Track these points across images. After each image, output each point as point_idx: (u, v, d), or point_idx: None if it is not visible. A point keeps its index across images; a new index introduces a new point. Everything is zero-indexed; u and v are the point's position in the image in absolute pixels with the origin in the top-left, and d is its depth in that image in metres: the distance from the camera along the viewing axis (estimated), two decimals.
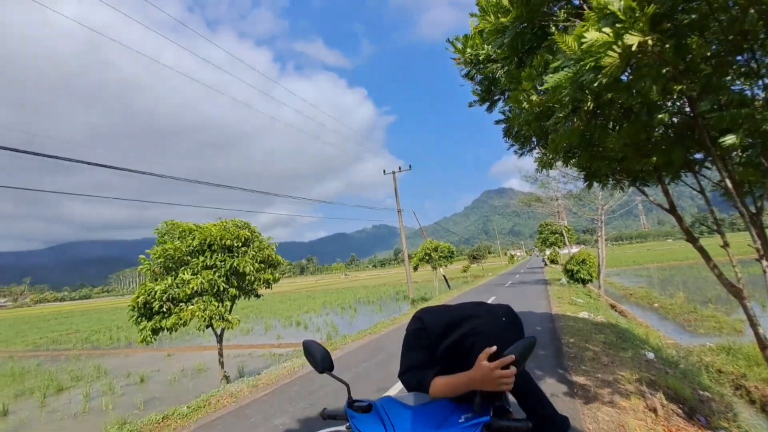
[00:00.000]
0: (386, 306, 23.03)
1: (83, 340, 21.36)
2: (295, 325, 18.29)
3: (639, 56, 1.82)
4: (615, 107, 2.58)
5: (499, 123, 4.00)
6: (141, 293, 7.37)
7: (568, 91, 1.98)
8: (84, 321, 35.66)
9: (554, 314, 10.92)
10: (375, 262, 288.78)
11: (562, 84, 1.94)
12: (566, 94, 2.00)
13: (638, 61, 1.93)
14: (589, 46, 1.70)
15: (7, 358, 17.37)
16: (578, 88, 1.95)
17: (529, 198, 28.33)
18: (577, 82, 1.88)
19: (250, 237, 8.97)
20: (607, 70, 1.73)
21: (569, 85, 1.93)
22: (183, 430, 4.65)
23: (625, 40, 1.63)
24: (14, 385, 11.39)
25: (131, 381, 10.61)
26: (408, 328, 1.55)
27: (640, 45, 1.66)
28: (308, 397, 5.35)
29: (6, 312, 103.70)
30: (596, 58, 1.71)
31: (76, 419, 7.81)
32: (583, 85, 1.88)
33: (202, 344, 15.24)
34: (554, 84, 1.97)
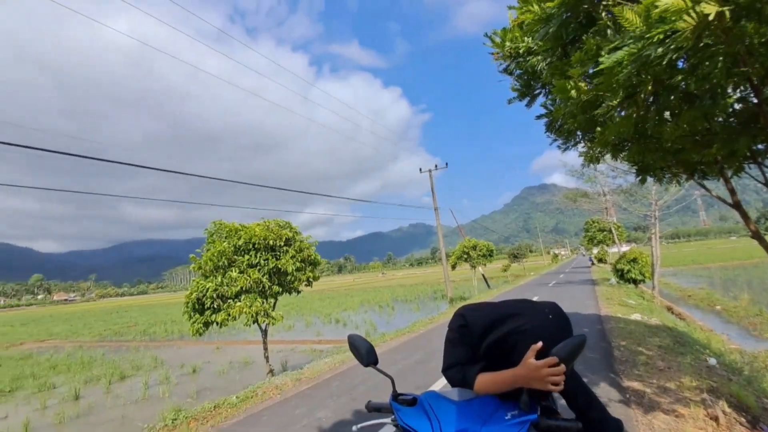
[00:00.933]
0: (424, 305, 22.93)
1: (141, 332, 23.01)
2: (334, 322, 18.66)
3: (710, 30, 1.69)
4: (676, 92, 2.38)
5: (540, 117, 3.86)
6: (194, 290, 7.84)
7: (627, 71, 1.84)
8: (141, 315, 38.45)
9: (603, 315, 10.40)
10: (412, 261, 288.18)
11: (623, 61, 1.81)
12: (625, 74, 1.86)
13: (706, 37, 1.79)
14: (662, 11, 1.58)
15: (77, 347, 19.08)
16: (641, 66, 1.82)
17: (575, 194, 27.04)
18: (641, 58, 1.75)
19: (291, 237, 9.26)
20: (680, 38, 1.60)
21: (630, 63, 1.80)
22: (233, 418, 4.91)
23: (702, 8, 1.52)
24: (84, 372, 12.49)
25: (184, 371, 11.28)
26: (450, 324, 1.55)
27: (716, 16, 1.54)
28: (349, 392, 5.46)
29: (75, 306, 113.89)
30: (665, 29, 1.59)
31: (137, 405, 8.45)
32: (646, 63, 1.76)
33: (247, 339, 15.94)
34: (612, 64, 1.84)
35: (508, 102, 3.95)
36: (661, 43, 1.65)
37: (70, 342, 21.63)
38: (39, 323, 39.71)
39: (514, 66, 3.60)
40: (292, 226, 9.62)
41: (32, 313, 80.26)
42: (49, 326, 33.90)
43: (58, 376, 12.10)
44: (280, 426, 4.42)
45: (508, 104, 3.97)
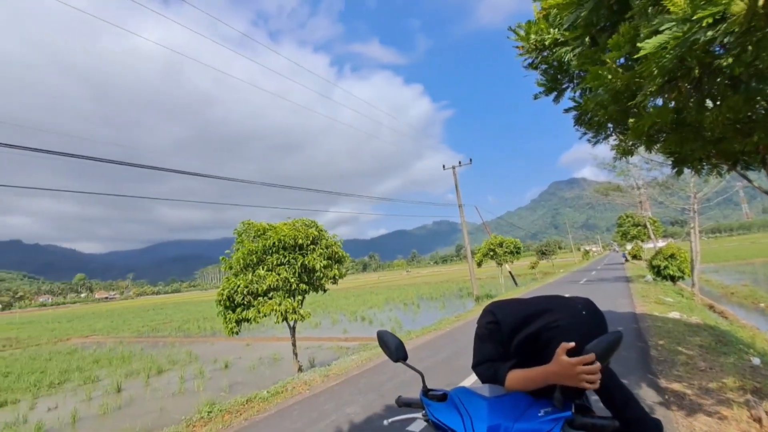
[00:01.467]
0: (449, 303, 22.77)
1: (176, 328, 23.99)
2: (359, 320, 18.82)
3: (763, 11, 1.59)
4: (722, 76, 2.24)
5: (569, 111, 3.76)
6: (226, 287, 8.11)
7: (672, 55, 1.76)
8: (176, 312, 40.06)
9: (638, 314, 10.01)
10: (436, 259, 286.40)
11: (668, 45, 1.73)
12: (669, 59, 1.78)
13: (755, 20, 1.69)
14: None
15: (118, 342, 20.12)
16: (686, 50, 1.73)
17: (606, 187, 26.04)
18: (686, 42, 1.67)
19: (318, 235, 9.41)
20: (733, 22, 1.52)
21: (675, 47, 1.72)
22: (264, 412, 5.05)
23: None
24: (124, 366, 13.16)
25: (217, 366, 11.69)
26: (479, 321, 1.55)
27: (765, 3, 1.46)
28: (376, 388, 5.50)
29: (115, 303, 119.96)
30: (714, 12, 1.51)
31: (174, 398, 8.83)
32: (692, 47, 1.67)
33: (275, 336, 16.32)
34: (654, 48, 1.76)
35: (534, 97, 3.86)
36: (711, 26, 1.57)
37: (111, 338, 22.82)
38: (83, 320, 42.09)
39: (539, 60, 3.51)
40: (318, 224, 9.77)
41: (76, 310, 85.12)
42: (92, 323, 35.88)
43: (101, 370, 12.80)
44: (310, 421, 4.51)
45: (534, 100, 3.89)
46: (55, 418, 7.85)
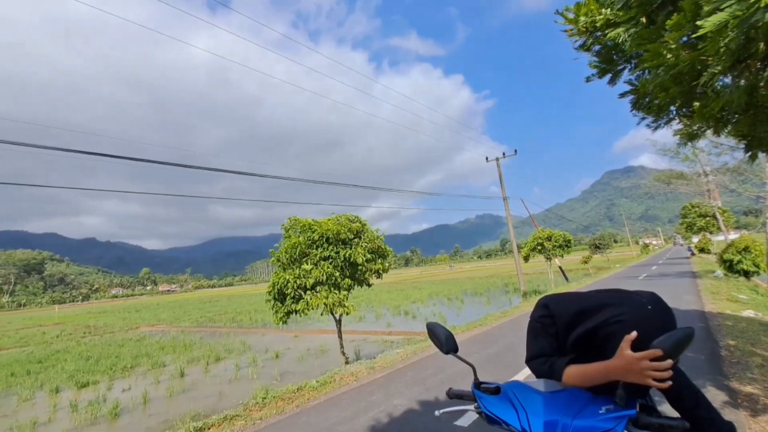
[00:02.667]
0: (495, 298, 22.25)
1: (230, 319, 25.46)
2: (403, 314, 18.92)
3: None
4: None
5: (625, 95, 3.52)
6: (276, 281, 8.50)
7: (735, 35, 1.62)
8: (229, 304, 42.49)
9: (707, 312, 9.22)
10: (480, 253, 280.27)
11: (728, 24, 1.59)
12: (732, 38, 1.63)
13: None
14: None
15: (179, 331, 21.73)
16: (749, 29, 1.58)
17: (668, 175, 23.99)
18: (747, 23, 1.53)
19: (361, 229, 9.59)
20: None
21: (736, 26, 1.58)
22: (315, 401, 5.27)
23: None
24: (186, 353, 14.19)
25: (268, 356, 12.28)
26: (532, 315, 1.53)
27: None
28: (422, 381, 5.54)
29: (176, 295, 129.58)
30: None
31: (230, 384, 9.41)
32: (755, 26, 1.53)
33: (321, 328, 16.83)
34: (713, 27, 1.62)
35: (586, 80, 3.66)
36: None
37: (174, 327, 24.70)
38: (149, 310, 45.91)
39: (591, 42, 3.32)
40: (361, 219, 9.94)
41: (143, 301, 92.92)
42: (156, 313, 39.03)
43: (167, 356, 13.91)
44: (358, 410, 4.65)
45: (586, 83, 3.68)
46: (129, 398, 8.66)
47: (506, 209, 21.03)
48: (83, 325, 31.75)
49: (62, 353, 16.48)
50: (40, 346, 19.93)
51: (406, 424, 4.14)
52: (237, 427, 4.57)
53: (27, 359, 15.61)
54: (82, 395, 9.38)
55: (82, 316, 46.48)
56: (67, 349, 17.57)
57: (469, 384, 1.52)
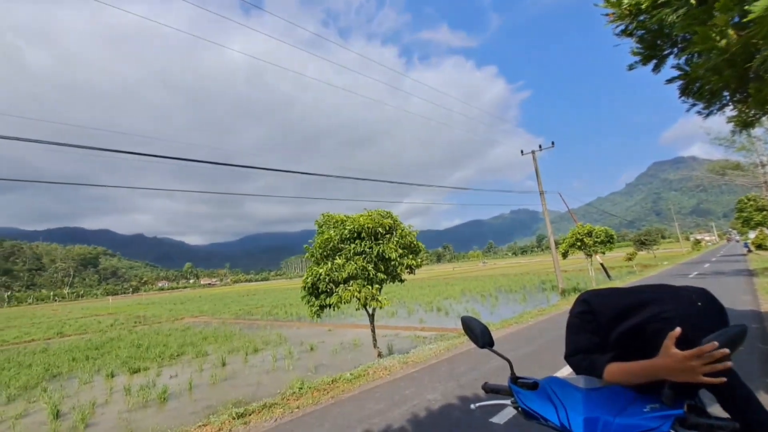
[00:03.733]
0: (531, 296, 21.65)
1: (267, 312, 26.37)
2: (435, 310, 18.83)
3: None
4: None
5: (672, 81, 3.31)
6: (309, 275, 8.72)
7: None
8: (266, 298, 43.97)
9: (763, 312, 8.54)
10: (514, 249, 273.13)
11: None
12: None
13: None
14: None
15: (220, 323, 22.78)
16: None
17: (723, 165, 22.26)
18: None
19: (393, 225, 9.62)
20: None
21: None
22: (349, 392, 5.38)
23: None
24: (227, 343, 14.86)
25: (303, 349, 12.63)
26: (572, 311, 1.49)
27: None
28: (456, 378, 5.52)
29: (216, 289, 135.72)
30: None
31: (268, 375, 9.77)
32: None
33: (354, 323, 17.08)
34: (763, 11, 1.51)
35: (629, 68, 3.48)
36: None
37: (215, 318, 25.91)
38: (192, 302, 48.39)
39: (634, 26, 3.14)
40: (393, 215, 9.97)
41: (186, 294, 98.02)
42: (199, 305, 41.07)
43: (209, 346, 14.64)
44: (392, 403, 4.70)
45: (629, 70, 3.49)
46: (176, 384, 9.21)
47: (543, 204, 20.36)
48: (134, 316, 33.98)
49: (116, 341, 17.76)
50: (97, 334, 21.55)
51: (440, 418, 4.15)
52: (276, 415, 4.75)
53: (86, 346, 16.94)
54: (134, 380, 10.07)
55: (133, 307, 49.74)
56: (120, 337, 18.91)
57: (504, 382, 1.51)
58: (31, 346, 18.94)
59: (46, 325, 30.95)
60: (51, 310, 67.87)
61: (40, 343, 19.91)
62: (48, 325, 30.78)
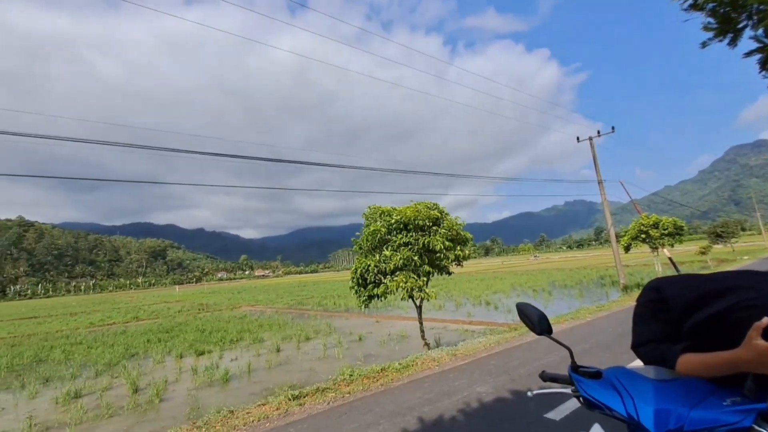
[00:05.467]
0: (588, 291, 20.46)
1: (316, 303, 27.29)
2: (484, 304, 18.41)
3: None
4: None
5: (750, 54, 2.91)
6: (358, 266, 8.86)
7: None
8: (315, 289, 45.53)
9: None
10: (569, 243, 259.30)
11: None
12: None
13: None
14: None
15: (274, 312, 23.95)
16: None
17: None
18: None
19: (440, 216, 9.49)
20: None
21: None
22: (398, 381, 5.42)
23: None
24: (281, 331, 15.59)
25: (352, 338, 12.91)
26: (640, 298, 1.40)
27: None
28: (507, 372, 5.35)
29: (269, 280, 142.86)
30: None
31: (319, 361, 10.11)
32: None
33: (401, 315, 17.17)
34: None
35: (702, 45, 3.11)
36: None
37: (269, 308, 27.29)
38: (248, 292, 51.32)
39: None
40: (440, 206, 9.83)
41: (242, 284, 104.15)
42: (254, 295, 43.47)
43: (264, 333, 15.44)
44: (441, 393, 4.67)
45: (702, 48, 3.12)
46: (236, 367, 9.83)
47: (602, 194, 19.06)
48: (197, 303, 36.71)
49: (183, 325, 19.30)
50: (167, 319, 23.57)
51: (492, 410, 4.04)
52: (328, 398, 4.90)
53: (158, 329, 18.59)
54: (200, 361, 10.88)
55: (196, 295, 53.79)
56: (186, 323, 20.53)
57: None
58: (113, 329, 21.16)
59: (125, 310, 34.41)
60: (128, 297, 75.41)
61: (120, 326, 22.19)
62: (126, 310, 34.20)
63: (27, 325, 27.43)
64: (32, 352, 14.51)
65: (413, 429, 3.79)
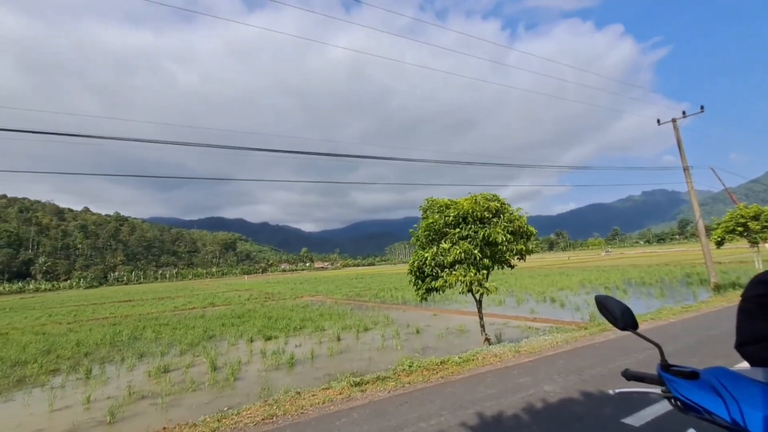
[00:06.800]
0: (671, 290, 18.52)
1: (374, 295, 27.77)
2: (549, 301, 17.46)
3: None
4: None
5: None
6: (415, 259, 8.84)
7: None
8: (372, 281, 46.36)
9: None
10: (648, 237, 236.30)
11: None
12: None
13: None
14: None
15: (333, 302, 24.82)
16: None
17: None
18: None
19: (500, 208, 9.13)
20: None
21: None
22: (458, 375, 5.33)
23: None
24: (340, 321, 16.11)
25: (410, 331, 12.96)
26: (746, 294, 1.23)
27: None
28: (578, 372, 5.02)
29: (328, 272, 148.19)
30: None
31: (378, 351, 10.29)
32: None
33: (459, 309, 16.87)
34: None
35: None
36: None
37: (328, 298, 28.34)
38: (308, 283, 53.71)
39: None
40: (500, 198, 9.45)
41: (303, 276, 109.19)
42: (315, 286, 45.40)
43: (325, 322, 16.06)
44: (505, 390, 4.51)
45: None
46: (300, 352, 10.35)
47: (688, 182, 17.06)
48: (264, 292, 39.22)
49: (252, 312, 20.75)
50: (238, 306, 25.50)
51: (561, 411, 3.82)
52: (389, 387, 4.97)
53: (230, 315, 20.19)
54: (268, 346, 11.63)
55: (263, 285, 57.48)
56: (254, 310, 22.03)
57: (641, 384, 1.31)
58: (193, 312, 23.38)
59: (202, 296, 37.84)
60: (204, 284, 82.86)
61: (198, 311, 24.45)
62: (203, 297, 37.59)
63: (124, 307, 31.28)
64: (129, 331, 16.53)
65: (476, 422, 3.70)
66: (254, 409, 4.80)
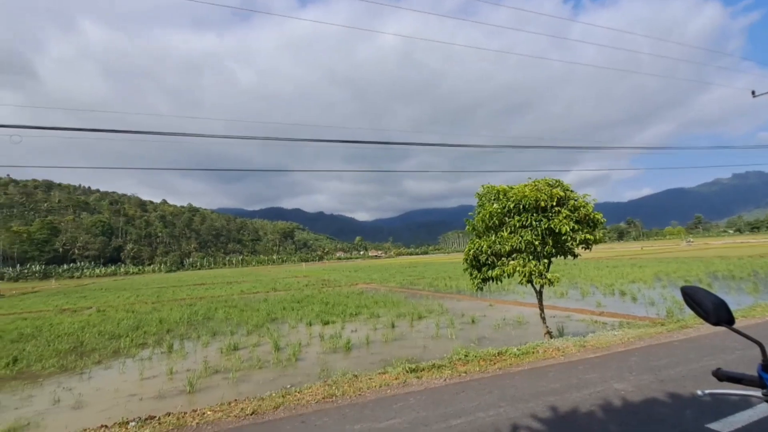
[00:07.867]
0: (766, 285, 16.35)
1: (428, 284, 27.71)
2: (618, 294, 16.23)
3: None
4: None
5: None
6: (471, 247, 8.63)
7: None
8: (426, 270, 46.25)
9: None
10: (738, 225, 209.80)
11: None
12: None
13: None
14: None
15: (388, 290, 25.17)
16: None
17: None
18: None
19: (564, 195, 8.56)
20: None
21: None
22: (516, 367, 5.16)
23: None
24: (394, 309, 16.30)
25: (465, 320, 12.77)
26: None
27: None
28: (653, 371, 4.61)
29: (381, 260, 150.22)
30: None
31: (432, 340, 10.29)
32: None
33: (517, 300, 16.28)
34: None
35: None
36: None
37: (383, 286, 28.79)
38: (363, 271, 54.95)
39: None
40: (564, 183, 8.87)
41: (358, 264, 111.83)
42: (369, 273, 46.34)
43: (380, 309, 16.36)
44: (569, 385, 4.28)
45: None
46: (356, 337, 10.66)
47: None
48: (320, 279, 40.84)
49: (310, 298, 21.73)
50: (297, 291, 26.84)
51: (635, 411, 3.54)
52: (444, 375, 4.95)
53: (291, 299, 21.32)
54: (325, 330, 12.13)
55: (319, 272, 59.87)
56: (312, 296, 23.05)
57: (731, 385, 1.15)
58: (257, 296, 25.03)
59: (265, 282, 40.35)
60: (266, 270, 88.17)
61: (262, 295, 26.13)
62: (266, 282, 40.07)
63: (198, 290, 34.31)
64: (203, 311, 18.12)
65: (537, 417, 3.55)
66: (315, 389, 5.04)
